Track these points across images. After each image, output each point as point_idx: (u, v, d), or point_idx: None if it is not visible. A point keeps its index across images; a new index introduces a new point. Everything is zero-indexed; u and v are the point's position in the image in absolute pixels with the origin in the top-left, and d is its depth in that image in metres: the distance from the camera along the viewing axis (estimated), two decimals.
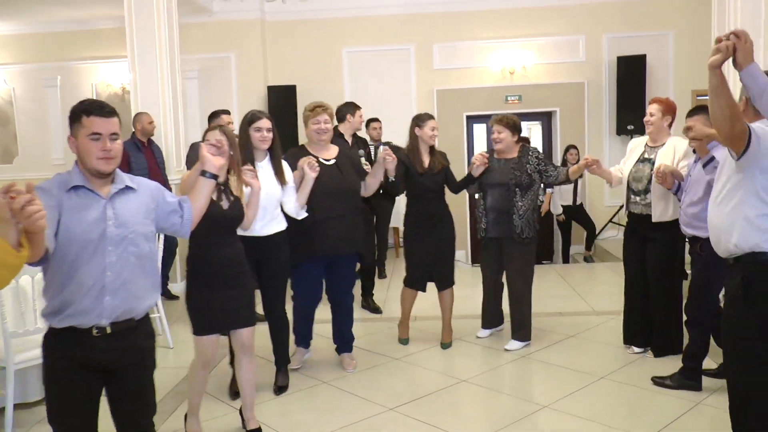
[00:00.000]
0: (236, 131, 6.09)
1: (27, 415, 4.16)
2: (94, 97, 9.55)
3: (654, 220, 4.61)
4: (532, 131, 10.41)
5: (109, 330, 2.51)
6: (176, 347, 5.43)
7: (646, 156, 4.73)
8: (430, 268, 5.15)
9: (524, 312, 5.14)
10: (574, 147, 8.69)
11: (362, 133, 6.84)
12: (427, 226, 5.05)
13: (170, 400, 4.38)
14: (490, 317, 5.42)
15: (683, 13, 9.10)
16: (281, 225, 4.23)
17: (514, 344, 5.15)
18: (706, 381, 4.29)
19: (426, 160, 5.05)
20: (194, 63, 9.13)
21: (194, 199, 2.89)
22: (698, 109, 4.13)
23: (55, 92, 9.76)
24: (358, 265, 6.51)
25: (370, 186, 4.73)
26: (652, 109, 4.71)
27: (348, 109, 6.22)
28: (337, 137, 6.25)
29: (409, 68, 9.58)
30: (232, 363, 4.26)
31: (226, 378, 4.55)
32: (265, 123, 4.10)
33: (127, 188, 2.60)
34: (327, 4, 9.40)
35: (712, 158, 3.95)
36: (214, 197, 3.48)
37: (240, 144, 3.91)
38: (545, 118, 9.74)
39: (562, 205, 8.86)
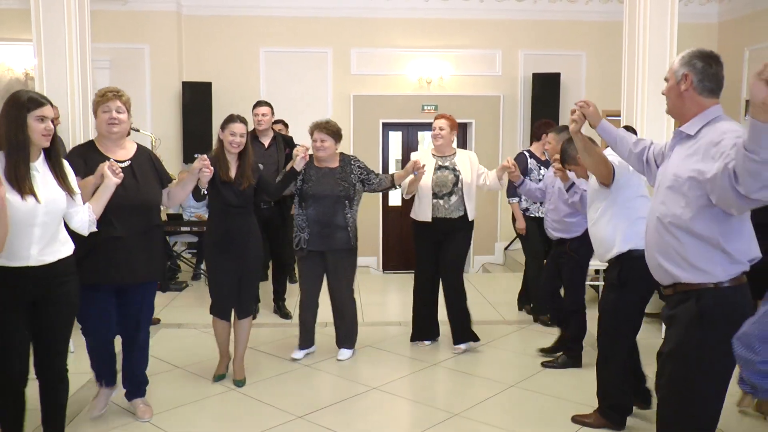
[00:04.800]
0: (135, 125, 5.91)
1: None
2: None
3: (470, 218, 5.16)
4: None
5: None
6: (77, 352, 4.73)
7: (441, 164, 5.19)
8: (235, 292, 4.50)
9: (353, 320, 5.14)
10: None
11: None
12: (231, 244, 4.41)
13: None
14: (311, 335, 5.16)
15: (596, 35, 9.41)
16: (67, 248, 3.22)
17: (346, 353, 5.09)
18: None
19: (233, 169, 4.41)
20: (106, 52, 8.72)
21: None
22: (548, 126, 5.34)
23: None
24: (270, 270, 6.38)
25: (174, 197, 4.00)
26: (442, 124, 5.20)
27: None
28: (253, 139, 6.07)
29: (326, 72, 9.48)
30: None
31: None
32: (49, 111, 3.07)
33: None
34: (245, 2, 9.19)
35: (573, 183, 4.60)
36: None
37: (9, 137, 2.98)
38: (460, 129, 9.83)
39: None
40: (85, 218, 3.30)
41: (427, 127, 9.80)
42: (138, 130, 6.26)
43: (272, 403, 4.27)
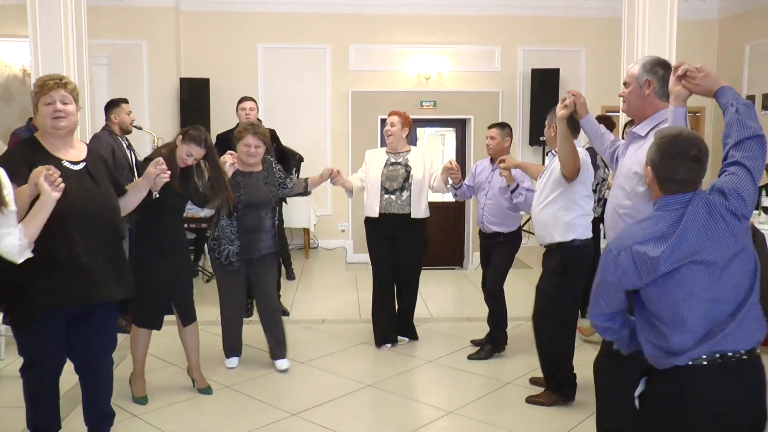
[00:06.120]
0: (137, 122, 5.87)
1: None
2: None
3: (413, 216, 5.08)
4: (446, 137, 10.50)
5: None
6: None
7: (393, 160, 5.17)
8: (168, 299, 4.23)
9: (282, 326, 4.83)
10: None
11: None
12: (168, 247, 4.12)
13: None
14: (240, 343, 4.93)
15: (595, 31, 9.37)
16: None
17: (284, 363, 4.79)
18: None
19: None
20: (104, 48, 8.69)
21: None
22: (494, 124, 5.34)
23: None
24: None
25: (128, 204, 3.45)
26: (393, 121, 5.17)
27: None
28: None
29: (324, 68, 9.45)
30: None
31: None
32: None
33: None
34: None
35: (518, 185, 4.81)
36: None
37: None
38: (459, 125, 9.83)
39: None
40: (14, 242, 2.63)
41: (426, 123, 9.85)
42: (141, 128, 6.25)
43: (266, 400, 4.26)
